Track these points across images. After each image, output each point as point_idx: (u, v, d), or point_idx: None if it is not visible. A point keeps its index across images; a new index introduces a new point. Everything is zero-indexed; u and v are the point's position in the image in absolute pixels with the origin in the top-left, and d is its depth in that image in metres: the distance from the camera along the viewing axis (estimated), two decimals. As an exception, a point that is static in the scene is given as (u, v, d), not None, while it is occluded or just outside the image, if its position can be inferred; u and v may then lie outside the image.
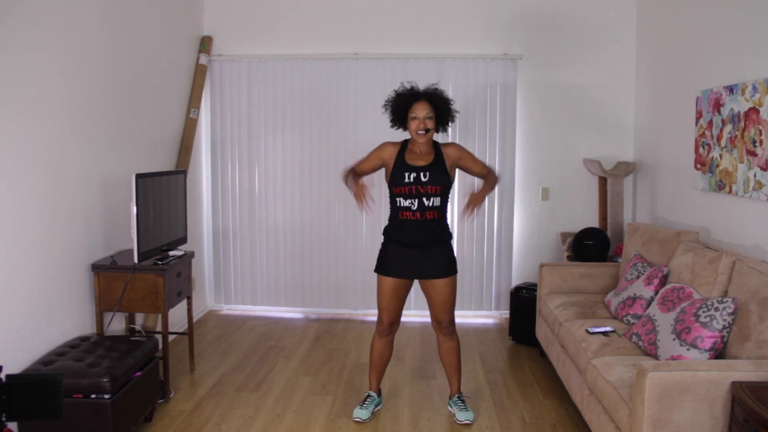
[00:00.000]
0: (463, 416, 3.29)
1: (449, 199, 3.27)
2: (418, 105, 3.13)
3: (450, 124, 3.27)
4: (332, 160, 5.22)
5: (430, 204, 3.14)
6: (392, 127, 3.30)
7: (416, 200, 3.13)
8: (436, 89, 3.21)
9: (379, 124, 5.17)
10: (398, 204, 3.18)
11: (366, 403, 3.36)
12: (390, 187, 3.20)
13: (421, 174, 3.12)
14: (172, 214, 3.82)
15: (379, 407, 3.45)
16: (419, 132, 3.11)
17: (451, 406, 3.40)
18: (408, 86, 3.24)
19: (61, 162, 3.22)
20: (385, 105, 3.27)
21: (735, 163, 3.34)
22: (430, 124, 3.12)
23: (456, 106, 3.34)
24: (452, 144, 3.30)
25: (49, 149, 3.12)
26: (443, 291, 3.24)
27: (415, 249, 3.18)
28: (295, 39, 5.17)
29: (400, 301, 3.30)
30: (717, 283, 2.91)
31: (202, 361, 4.17)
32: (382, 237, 3.32)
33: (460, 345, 3.43)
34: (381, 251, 3.30)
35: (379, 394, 3.47)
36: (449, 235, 3.28)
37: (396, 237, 3.22)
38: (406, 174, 3.13)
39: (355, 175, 3.28)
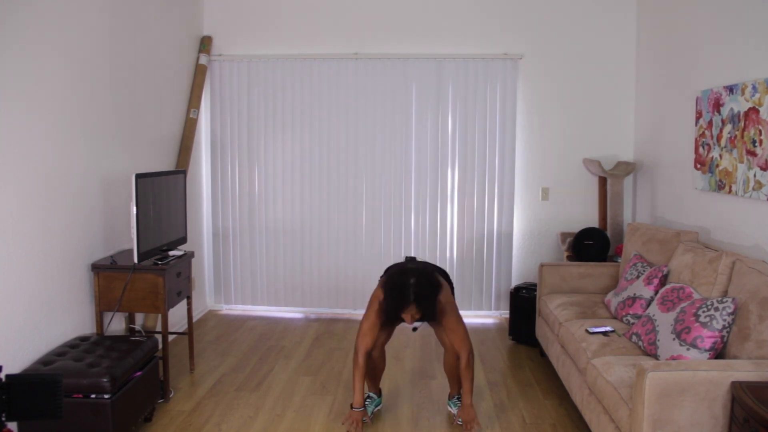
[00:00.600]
0: None
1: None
2: (408, 309, 3.04)
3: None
4: (332, 160, 5.23)
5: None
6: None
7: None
8: (422, 296, 3.02)
9: (378, 125, 5.18)
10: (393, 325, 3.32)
11: (366, 403, 3.37)
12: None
13: (412, 328, 3.29)
14: (172, 214, 3.81)
15: (379, 407, 3.45)
16: (410, 323, 3.13)
17: (451, 407, 3.40)
18: (397, 290, 3.05)
19: (61, 162, 3.22)
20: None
21: (735, 163, 3.34)
22: (418, 318, 3.11)
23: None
24: (439, 304, 3.14)
25: (49, 149, 3.12)
26: (449, 323, 3.19)
27: None
28: (295, 39, 5.18)
29: (385, 335, 3.33)
30: (717, 283, 2.91)
31: (202, 361, 4.17)
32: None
33: None
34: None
35: (380, 394, 3.47)
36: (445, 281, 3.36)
37: None
38: (397, 321, 3.20)
39: (364, 367, 3.21)
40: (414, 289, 3.01)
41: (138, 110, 4.08)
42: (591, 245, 4.54)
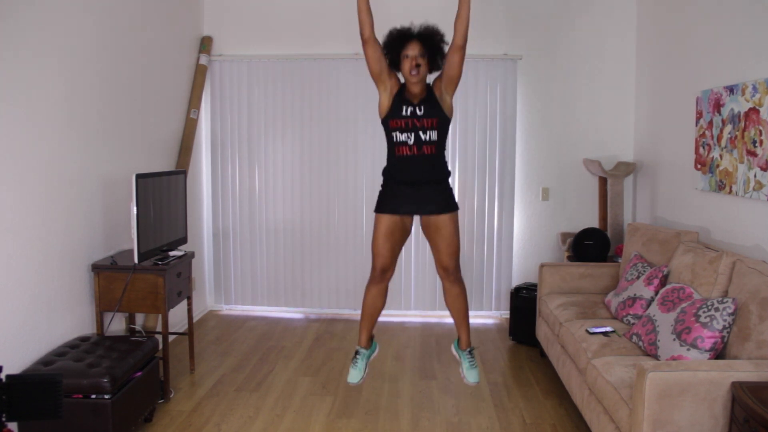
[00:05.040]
0: (472, 377, 3.13)
1: (446, 138, 3.19)
2: (410, 44, 3.09)
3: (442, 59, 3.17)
4: (332, 160, 5.23)
5: (427, 138, 3.08)
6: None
7: (412, 134, 3.09)
8: (429, 27, 3.16)
9: (378, 125, 5.16)
10: (395, 139, 3.12)
11: (356, 360, 3.18)
12: (387, 122, 3.13)
13: (417, 108, 3.09)
14: (172, 214, 3.81)
15: (374, 354, 3.28)
16: (412, 72, 3.03)
17: (461, 356, 3.21)
18: (403, 26, 3.16)
19: (61, 162, 3.22)
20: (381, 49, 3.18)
21: (735, 164, 3.34)
22: (422, 61, 3.06)
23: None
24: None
25: (49, 149, 3.12)
26: (445, 230, 3.11)
27: (414, 187, 3.12)
28: (295, 39, 5.17)
29: (395, 245, 3.15)
30: (717, 283, 2.91)
31: (202, 362, 4.17)
32: (382, 178, 3.23)
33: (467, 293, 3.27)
34: (380, 193, 3.22)
35: (371, 341, 3.27)
36: (447, 173, 3.21)
37: (394, 175, 3.15)
38: (404, 107, 3.09)
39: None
40: (418, 29, 3.11)
41: (138, 110, 4.08)
42: (591, 245, 4.54)
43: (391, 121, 3.11)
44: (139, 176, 3.32)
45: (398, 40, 3.12)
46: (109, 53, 3.68)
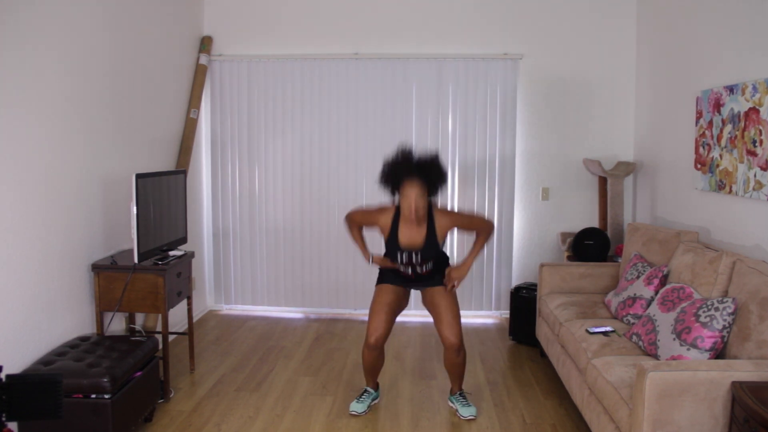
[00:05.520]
0: (466, 412, 3.32)
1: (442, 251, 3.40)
2: (410, 184, 3.12)
3: (441, 189, 3.28)
4: (332, 160, 5.23)
5: (423, 270, 3.33)
6: (386, 191, 3.31)
7: (410, 268, 3.32)
8: (428, 163, 3.18)
9: (378, 125, 5.18)
10: (394, 259, 3.33)
11: (363, 397, 3.43)
12: (386, 247, 3.35)
13: (413, 255, 3.26)
14: (172, 214, 3.81)
15: (376, 401, 3.50)
16: (411, 210, 3.15)
17: (453, 402, 3.42)
18: (403, 153, 3.21)
19: (61, 162, 3.22)
20: (381, 179, 3.27)
21: (735, 163, 3.34)
22: (420, 205, 3.14)
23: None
24: (445, 213, 3.29)
25: (49, 149, 3.12)
26: (442, 301, 3.31)
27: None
28: (295, 39, 5.18)
29: (391, 315, 3.34)
30: (717, 283, 2.91)
31: (202, 361, 4.17)
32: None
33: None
34: (380, 271, 3.49)
35: (377, 388, 3.52)
36: (445, 261, 3.45)
37: (395, 274, 3.42)
38: (399, 253, 3.28)
39: (358, 229, 3.46)
40: (417, 161, 3.15)
41: (138, 110, 4.08)
42: (591, 245, 4.54)
43: (389, 255, 3.35)
44: (139, 176, 3.32)
45: (397, 174, 3.18)
46: (109, 53, 3.68)
